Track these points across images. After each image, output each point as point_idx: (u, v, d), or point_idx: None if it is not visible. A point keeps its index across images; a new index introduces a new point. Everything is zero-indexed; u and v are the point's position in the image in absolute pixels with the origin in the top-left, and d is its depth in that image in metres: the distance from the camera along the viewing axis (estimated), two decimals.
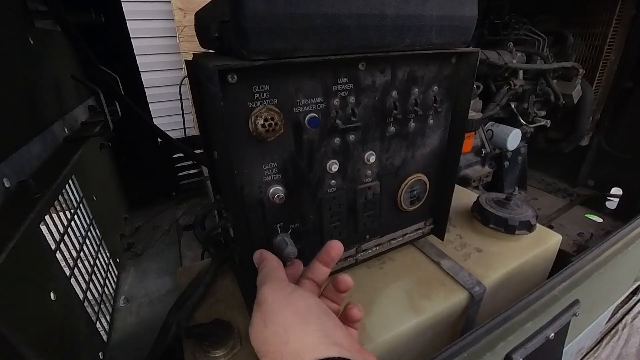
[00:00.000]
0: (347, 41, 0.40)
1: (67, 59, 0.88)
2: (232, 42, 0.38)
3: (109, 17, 0.97)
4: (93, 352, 0.60)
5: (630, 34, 1.23)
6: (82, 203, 0.72)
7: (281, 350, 0.28)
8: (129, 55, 1.09)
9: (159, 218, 1.20)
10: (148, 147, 1.20)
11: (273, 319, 0.31)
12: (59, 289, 0.50)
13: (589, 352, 1.16)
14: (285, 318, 0.30)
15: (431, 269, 0.62)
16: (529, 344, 0.51)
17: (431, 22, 0.44)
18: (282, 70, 0.40)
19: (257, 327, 0.31)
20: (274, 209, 0.46)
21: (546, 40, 1.25)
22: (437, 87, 0.52)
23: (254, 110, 0.40)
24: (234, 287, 0.60)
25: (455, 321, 0.59)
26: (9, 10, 0.61)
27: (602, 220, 1.30)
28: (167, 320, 0.51)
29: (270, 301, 0.32)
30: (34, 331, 0.42)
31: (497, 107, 1.18)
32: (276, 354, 0.28)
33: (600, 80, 1.29)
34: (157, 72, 2.54)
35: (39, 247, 0.49)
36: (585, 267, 0.61)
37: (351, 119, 0.46)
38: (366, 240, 0.58)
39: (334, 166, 0.48)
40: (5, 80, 0.54)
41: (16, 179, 0.50)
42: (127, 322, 0.78)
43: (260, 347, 0.30)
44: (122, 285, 0.89)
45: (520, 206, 0.73)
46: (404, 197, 0.57)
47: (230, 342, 0.48)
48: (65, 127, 0.75)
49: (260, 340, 0.30)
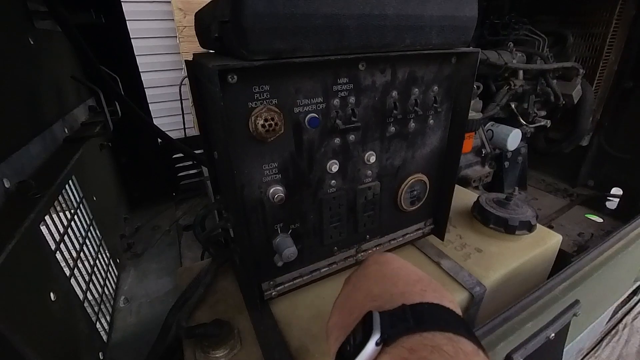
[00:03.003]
0: (347, 41, 0.40)
1: (67, 59, 0.88)
2: (232, 42, 0.38)
3: (109, 17, 0.97)
4: (93, 353, 0.60)
5: (630, 34, 1.23)
6: (82, 203, 0.72)
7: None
8: (129, 55, 1.09)
9: (159, 218, 1.20)
10: (148, 147, 1.20)
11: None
12: (59, 289, 0.50)
13: (590, 353, 1.16)
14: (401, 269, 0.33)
15: (431, 269, 0.62)
16: (529, 344, 0.51)
17: (431, 22, 0.44)
18: (282, 71, 0.40)
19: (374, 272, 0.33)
20: (274, 209, 0.46)
21: (546, 40, 1.25)
22: (437, 87, 0.52)
23: (254, 111, 0.40)
24: (234, 287, 0.60)
25: None
26: (9, 11, 0.61)
27: (602, 220, 1.30)
28: (167, 320, 0.51)
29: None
30: (34, 331, 0.42)
31: (497, 107, 1.18)
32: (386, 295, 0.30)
33: (600, 80, 1.29)
34: (157, 72, 2.54)
35: (39, 247, 0.49)
36: (586, 267, 0.61)
37: (351, 119, 0.46)
38: (366, 241, 0.58)
39: (334, 166, 0.48)
40: (6, 81, 0.54)
41: (16, 179, 0.50)
42: (127, 323, 0.78)
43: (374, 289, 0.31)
44: (122, 285, 0.89)
45: (521, 206, 0.73)
46: (404, 197, 0.57)
47: (230, 342, 0.47)
48: (65, 127, 0.75)
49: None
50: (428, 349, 0.22)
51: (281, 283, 0.53)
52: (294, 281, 0.54)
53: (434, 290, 0.29)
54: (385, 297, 0.29)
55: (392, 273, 0.32)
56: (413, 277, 0.31)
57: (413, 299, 0.27)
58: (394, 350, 0.23)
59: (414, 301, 0.27)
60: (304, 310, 0.54)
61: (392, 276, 0.32)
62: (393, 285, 0.30)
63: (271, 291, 0.53)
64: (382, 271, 0.33)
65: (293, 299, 0.56)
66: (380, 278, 0.32)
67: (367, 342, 0.24)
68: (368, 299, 0.30)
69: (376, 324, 0.24)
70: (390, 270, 0.33)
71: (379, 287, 0.30)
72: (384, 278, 0.32)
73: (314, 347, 0.48)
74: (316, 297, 0.56)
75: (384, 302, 0.28)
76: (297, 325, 0.52)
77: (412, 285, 0.30)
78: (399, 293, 0.29)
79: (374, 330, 0.24)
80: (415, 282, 0.30)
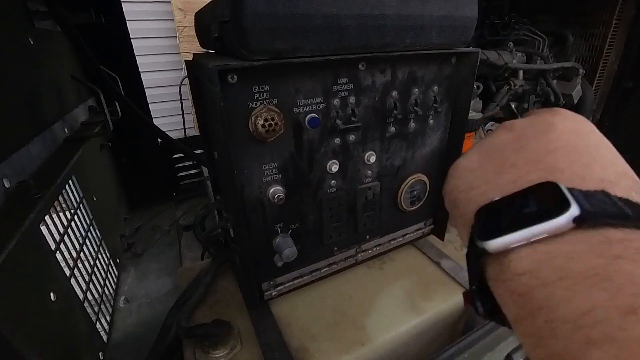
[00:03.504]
0: (347, 41, 0.40)
1: (67, 59, 0.88)
2: (232, 42, 0.38)
3: (109, 17, 0.97)
4: (93, 353, 0.60)
5: (630, 34, 1.23)
6: (82, 203, 0.72)
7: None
8: (129, 55, 1.09)
9: (159, 218, 1.20)
10: (148, 147, 1.20)
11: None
12: (59, 289, 0.50)
13: None
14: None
15: (431, 269, 0.62)
16: None
17: (431, 22, 0.44)
18: (282, 71, 0.40)
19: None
20: (274, 209, 0.46)
21: (546, 40, 1.25)
22: (437, 87, 0.52)
23: (254, 111, 0.40)
24: (234, 287, 0.60)
25: (455, 321, 0.59)
26: (9, 10, 0.61)
27: None
28: (167, 320, 0.51)
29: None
30: (34, 331, 0.42)
31: (497, 107, 1.18)
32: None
33: (600, 80, 1.29)
34: (157, 72, 2.54)
35: (39, 247, 0.49)
36: None
37: (351, 119, 0.46)
38: (366, 241, 0.58)
39: (334, 166, 0.48)
40: (5, 81, 0.54)
41: (16, 179, 0.50)
42: (127, 323, 0.78)
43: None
44: (122, 285, 0.89)
45: None
46: (404, 197, 0.57)
47: (230, 342, 0.48)
48: (65, 127, 0.75)
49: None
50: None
51: (281, 283, 0.53)
52: (294, 281, 0.54)
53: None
54: (566, 175, 0.21)
55: (586, 149, 0.23)
56: (618, 168, 0.22)
57: (614, 190, 0.20)
58: (596, 236, 0.17)
59: (617, 193, 0.19)
60: (304, 310, 0.54)
61: (586, 153, 0.23)
62: (584, 167, 0.22)
63: (271, 291, 0.53)
64: (573, 141, 0.23)
65: (293, 299, 0.56)
66: (565, 147, 0.23)
67: (558, 214, 0.18)
68: (539, 165, 0.22)
69: (570, 197, 0.18)
70: (585, 145, 0.23)
71: (561, 159, 0.22)
72: (572, 150, 0.23)
73: (314, 347, 0.48)
74: (316, 297, 0.56)
75: (569, 182, 0.20)
76: (297, 325, 0.52)
77: (616, 176, 0.21)
78: (595, 179, 0.21)
79: (572, 204, 0.18)
80: (621, 175, 0.22)
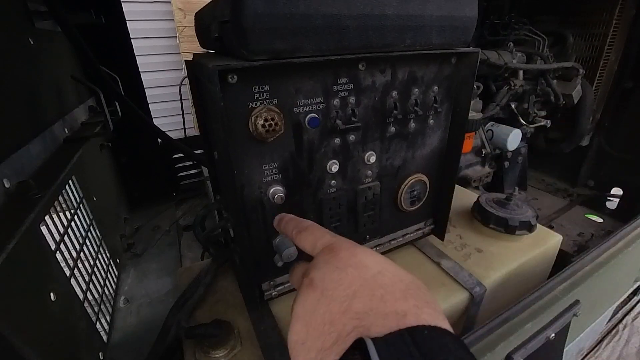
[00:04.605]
0: (347, 41, 0.40)
1: (67, 59, 0.88)
2: (232, 42, 0.38)
3: (109, 17, 0.97)
4: (93, 353, 0.60)
5: (630, 34, 1.23)
6: (82, 203, 0.72)
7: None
8: (129, 55, 1.09)
9: (159, 218, 1.20)
10: (148, 147, 1.20)
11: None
12: (59, 289, 0.50)
13: (590, 353, 1.16)
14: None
15: (431, 269, 0.62)
16: (529, 345, 0.51)
17: (431, 22, 0.44)
18: (282, 71, 0.40)
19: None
20: (274, 209, 0.46)
21: (546, 40, 1.25)
22: (437, 87, 0.52)
23: (254, 111, 0.40)
24: (234, 287, 0.60)
25: (455, 321, 0.59)
26: (9, 11, 0.61)
27: (602, 220, 1.30)
28: (167, 320, 0.51)
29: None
30: (34, 331, 0.42)
31: (497, 107, 1.18)
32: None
33: (600, 80, 1.29)
34: (157, 72, 2.54)
35: (39, 247, 0.49)
36: (586, 267, 0.61)
37: (351, 119, 0.46)
38: (366, 241, 0.58)
39: (334, 166, 0.48)
40: (5, 81, 0.54)
41: (16, 180, 0.50)
42: (127, 323, 0.78)
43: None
44: (122, 285, 0.89)
45: (521, 206, 0.73)
46: (404, 198, 0.57)
47: (230, 342, 0.47)
48: (65, 127, 0.75)
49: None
50: None
51: (281, 283, 0.53)
52: None
53: (427, 303, 0.25)
54: (372, 317, 0.24)
55: (374, 280, 0.27)
56: (399, 286, 0.26)
57: (408, 321, 0.23)
58: None
59: (410, 323, 0.23)
60: None
61: (375, 285, 0.26)
62: (380, 301, 0.25)
63: (271, 291, 0.52)
64: (361, 276, 0.27)
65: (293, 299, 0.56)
66: (360, 287, 0.26)
67: None
68: (348, 315, 0.25)
69: (374, 356, 0.20)
70: (371, 276, 0.27)
71: (362, 301, 0.25)
72: (365, 287, 0.26)
73: None
74: None
75: (370, 323, 0.24)
76: None
77: (403, 300, 0.25)
78: (392, 312, 0.24)
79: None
80: (405, 294, 0.25)
